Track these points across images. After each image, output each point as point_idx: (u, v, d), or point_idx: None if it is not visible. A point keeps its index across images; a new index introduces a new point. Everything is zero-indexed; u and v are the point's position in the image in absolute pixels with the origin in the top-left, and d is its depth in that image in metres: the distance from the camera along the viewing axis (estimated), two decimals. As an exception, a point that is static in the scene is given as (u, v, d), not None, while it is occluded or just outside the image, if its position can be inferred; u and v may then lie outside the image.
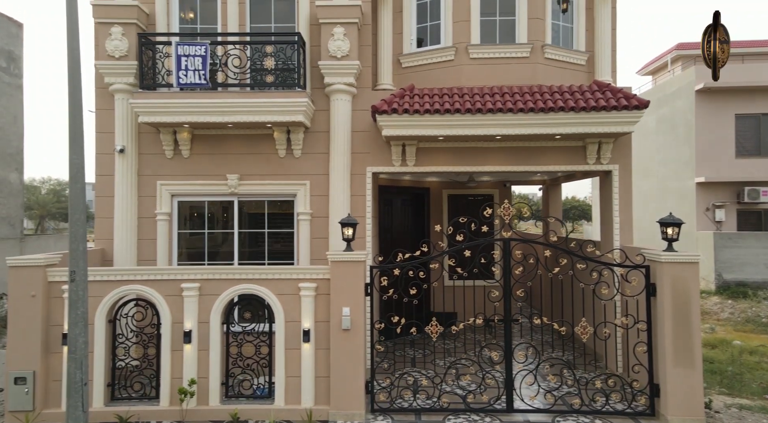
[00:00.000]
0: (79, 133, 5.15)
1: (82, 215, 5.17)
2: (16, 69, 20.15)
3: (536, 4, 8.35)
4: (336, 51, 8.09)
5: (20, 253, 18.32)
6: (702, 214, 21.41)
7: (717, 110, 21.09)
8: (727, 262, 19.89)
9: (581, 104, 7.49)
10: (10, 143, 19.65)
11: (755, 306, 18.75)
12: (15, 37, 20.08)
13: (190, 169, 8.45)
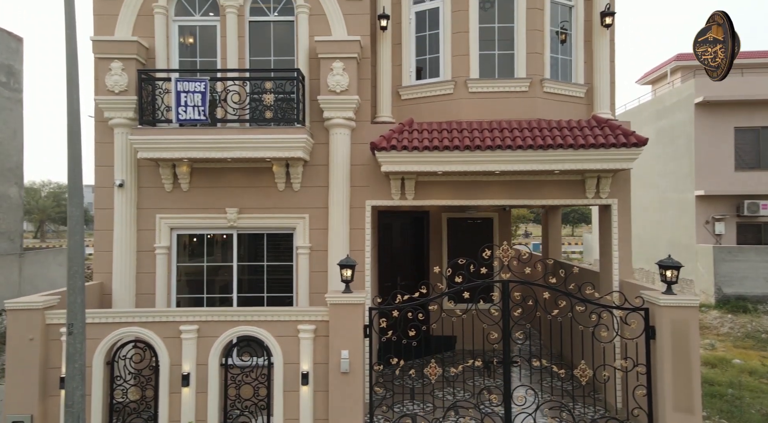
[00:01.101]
0: (78, 185, 5.15)
1: (80, 268, 5.17)
2: (15, 83, 20.17)
3: (535, 39, 8.36)
4: (335, 86, 8.10)
5: (19, 270, 18.34)
6: (702, 226, 21.41)
7: (716, 123, 21.12)
8: (726, 276, 19.90)
9: (580, 141, 7.50)
10: (9, 158, 19.67)
11: (755, 320, 18.75)
12: (15, 51, 20.12)
13: (189, 202, 8.46)
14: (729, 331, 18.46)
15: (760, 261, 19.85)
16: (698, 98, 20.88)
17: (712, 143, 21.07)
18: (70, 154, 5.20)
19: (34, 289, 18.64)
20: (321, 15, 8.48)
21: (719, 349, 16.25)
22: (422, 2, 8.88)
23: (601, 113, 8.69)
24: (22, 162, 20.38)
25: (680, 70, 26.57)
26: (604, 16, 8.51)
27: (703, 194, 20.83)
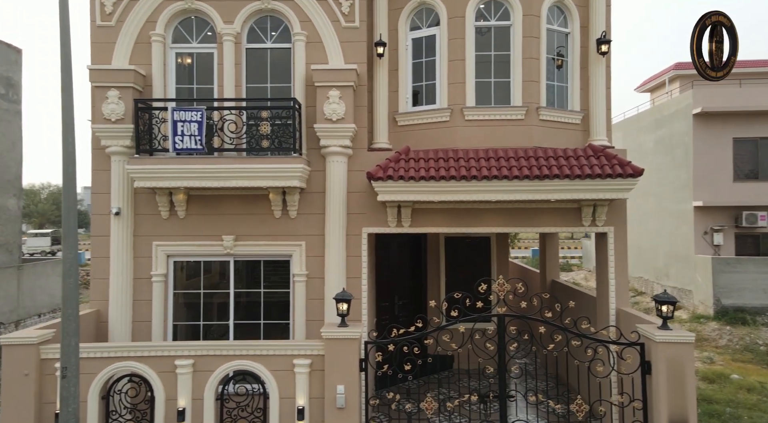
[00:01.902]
0: (73, 230, 5.16)
1: (74, 310, 5.18)
2: (14, 95, 20.16)
3: (531, 68, 8.38)
4: (331, 114, 8.11)
5: (18, 282, 18.31)
6: (700, 237, 21.41)
7: (714, 134, 21.12)
8: (725, 287, 19.90)
9: (576, 171, 7.51)
10: (8, 169, 19.65)
11: (753, 332, 18.74)
12: (14, 63, 20.11)
13: (186, 229, 8.46)
14: (728, 344, 18.46)
15: (758, 272, 19.85)
16: (696, 109, 20.89)
17: (711, 154, 21.08)
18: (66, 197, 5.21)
19: (33, 302, 18.64)
20: (318, 42, 8.50)
21: (717, 363, 16.24)
22: (419, 29, 8.90)
23: (597, 140, 8.71)
24: (21, 173, 20.37)
25: (679, 78, 26.59)
26: (600, 43, 8.53)
27: (702, 205, 20.84)
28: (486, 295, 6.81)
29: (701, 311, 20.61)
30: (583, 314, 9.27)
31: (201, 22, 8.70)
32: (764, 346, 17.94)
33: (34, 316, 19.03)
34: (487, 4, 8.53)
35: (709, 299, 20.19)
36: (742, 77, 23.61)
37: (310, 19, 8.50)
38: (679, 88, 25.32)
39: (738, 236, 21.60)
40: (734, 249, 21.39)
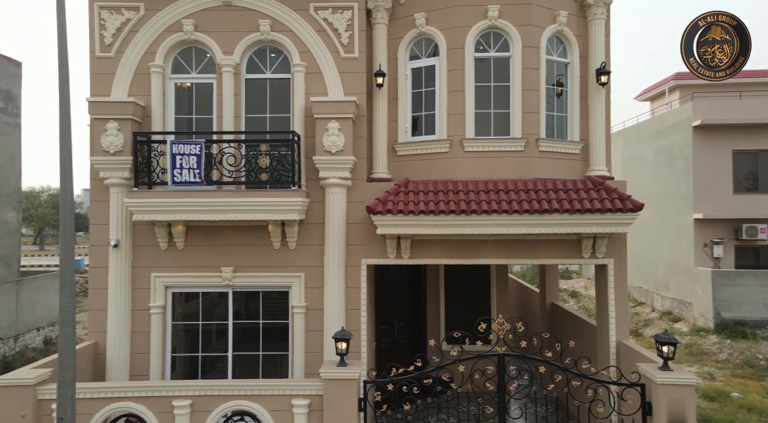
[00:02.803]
0: (70, 277, 5.13)
1: (71, 359, 5.15)
2: (14, 108, 20.13)
3: (530, 99, 8.36)
4: (331, 146, 8.09)
5: (16, 297, 18.26)
6: (700, 249, 21.38)
7: (714, 146, 21.09)
8: (725, 301, 19.86)
9: (576, 206, 7.49)
10: (7, 182, 19.62)
11: (753, 346, 18.69)
12: (13, 76, 20.09)
13: (184, 260, 8.43)
14: (728, 358, 18.41)
15: (758, 286, 19.81)
16: (696, 121, 20.85)
17: (710, 166, 21.06)
18: (63, 246, 5.18)
19: (32, 315, 18.60)
20: (317, 73, 8.48)
21: (718, 379, 16.20)
22: (418, 59, 8.89)
23: (597, 170, 8.69)
24: (20, 186, 20.34)
25: (679, 88, 26.60)
26: (600, 74, 8.51)
27: (702, 218, 20.80)
28: (486, 334, 6.78)
29: (701, 324, 20.57)
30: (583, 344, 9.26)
31: (200, 52, 8.69)
32: (765, 360, 17.89)
33: (33, 330, 19.01)
34: (486, 35, 8.52)
35: (709, 312, 20.14)
36: (742, 88, 23.63)
37: (309, 50, 8.49)
38: (679, 98, 25.32)
39: (738, 249, 21.56)
40: (734, 261, 21.36)
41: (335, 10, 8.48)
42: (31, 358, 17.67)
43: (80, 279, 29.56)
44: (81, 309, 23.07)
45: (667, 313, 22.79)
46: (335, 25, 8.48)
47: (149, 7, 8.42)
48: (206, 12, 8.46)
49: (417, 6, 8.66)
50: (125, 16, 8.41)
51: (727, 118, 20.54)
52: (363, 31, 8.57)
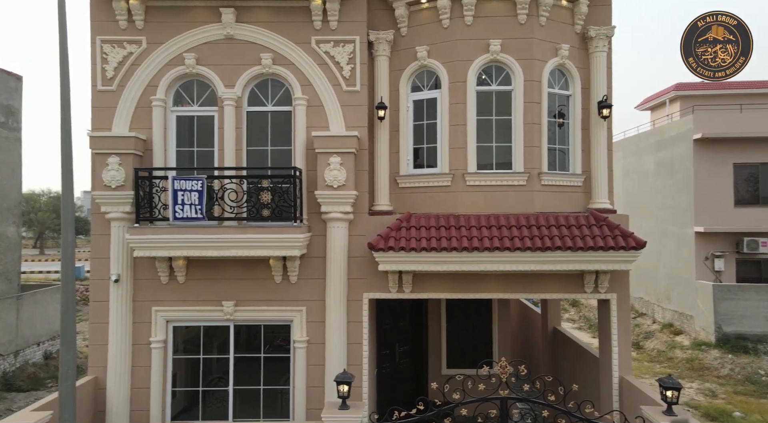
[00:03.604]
0: (72, 337, 5.11)
1: (71, 414, 5.13)
2: (14, 122, 20.09)
3: (532, 133, 8.35)
4: (332, 181, 8.07)
5: (17, 312, 18.22)
6: (701, 262, 21.34)
7: (715, 159, 21.05)
8: (726, 315, 19.81)
9: (578, 243, 7.48)
10: (7, 197, 19.57)
11: (755, 362, 18.63)
12: (14, 90, 20.06)
13: (185, 294, 8.41)
14: (729, 373, 18.35)
15: (760, 300, 19.75)
16: (697, 134, 20.81)
17: (711, 179, 21.02)
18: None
19: (32, 330, 18.54)
20: (319, 106, 8.48)
21: (720, 396, 16.15)
22: (420, 91, 8.87)
23: (599, 202, 8.67)
24: (21, 200, 20.31)
25: (679, 99, 26.57)
26: (602, 108, 8.50)
27: (703, 231, 20.75)
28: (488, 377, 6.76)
29: (702, 338, 20.51)
30: (585, 375, 9.23)
31: (202, 85, 8.68)
32: (766, 376, 17.85)
33: (33, 346, 18.94)
34: (488, 68, 8.51)
35: (710, 326, 20.09)
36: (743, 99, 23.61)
37: (310, 83, 8.48)
38: (679, 110, 25.28)
39: (739, 262, 21.51)
40: (735, 274, 21.31)
41: (337, 44, 8.47)
42: (31, 373, 17.63)
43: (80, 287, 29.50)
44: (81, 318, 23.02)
45: (668, 326, 22.75)
46: (337, 58, 8.48)
47: (151, 40, 8.42)
48: (208, 45, 8.46)
49: (419, 39, 8.66)
50: (127, 49, 8.40)
51: (728, 132, 20.50)
52: (365, 64, 8.57)
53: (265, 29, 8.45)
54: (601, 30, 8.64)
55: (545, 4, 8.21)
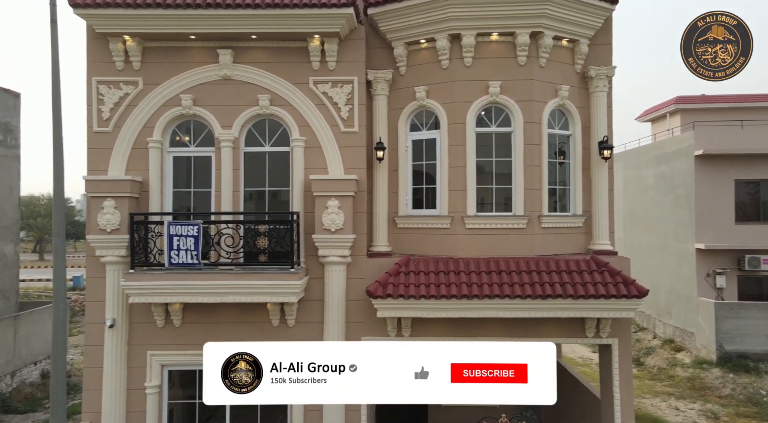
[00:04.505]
0: (62, 385, 5.02)
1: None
2: (12, 140, 20.00)
3: (532, 175, 8.26)
4: (330, 224, 7.98)
5: (14, 332, 18.11)
6: (702, 279, 21.24)
7: (716, 175, 20.96)
8: (728, 333, 19.68)
9: (579, 291, 7.39)
10: (5, 215, 19.47)
11: (757, 382, 18.48)
12: (12, 108, 19.97)
13: (181, 338, 8.30)
14: (731, 393, 18.20)
15: (762, 318, 19.63)
16: (698, 151, 20.72)
17: (712, 195, 20.91)
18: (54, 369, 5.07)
19: (29, 350, 18.43)
20: (316, 147, 8.39)
21: (722, 418, 16.04)
22: (419, 131, 8.80)
23: (600, 244, 8.58)
24: (18, 218, 20.21)
25: (680, 112, 26.53)
26: (602, 149, 8.41)
27: (704, 248, 20.65)
28: None
29: (704, 355, 20.38)
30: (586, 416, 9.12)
31: (199, 125, 8.60)
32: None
33: (30, 365, 18.83)
34: (487, 109, 8.43)
35: (711, 344, 19.97)
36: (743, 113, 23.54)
37: (308, 124, 8.40)
38: (680, 124, 25.22)
39: (741, 279, 21.39)
40: (737, 291, 21.20)
41: (335, 84, 8.39)
42: (28, 394, 17.51)
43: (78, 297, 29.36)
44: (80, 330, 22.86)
45: (669, 341, 22.64)
46: (335, 99, 8.39)
47: (148, 81, 8.34)
48: (205, 86, 8.38)
49: (418, 79, 8.58)
50: (123, 90, 8.32)
51: (729, 148, 20.42)
52: (363, 105, 8.49)
53: (263, 70, 8.37)
54: (602, 70, 8.56)
55: (545, 46, 8.12)
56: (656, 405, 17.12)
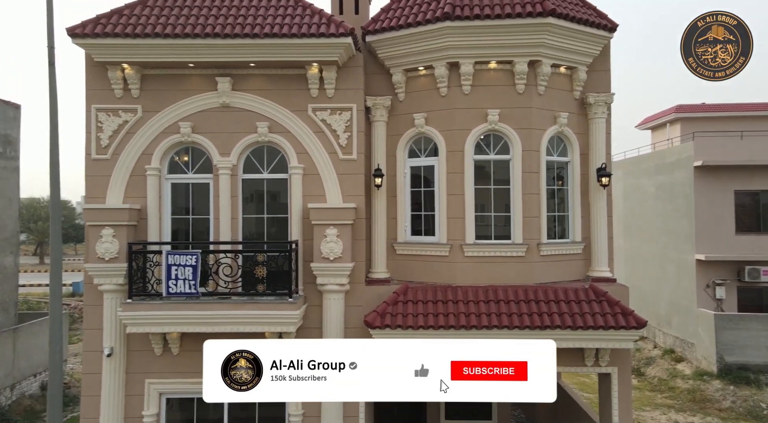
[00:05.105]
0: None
1: None
2: (12, 152, 19.99)
3: (531, 203, 8.26)
4: (329, 253, 7.97)
5: (13, 345, 18.09)
6: (702, 290, 21.20)
7: (716, 186, 20.93)
8: (728, 344, 19.63)
9: (578, 322, 7.38)
10: (5, 227, 19.46)
11: (757, 394, 18.44)
12: (12, 120, 19.96)
13: (179, 366, 8.27)
14: (731, 406, 18.16)
15: (762, 330, 19.57)
16: (698, 161, 20.71)
17: (712, 206, 20.89)
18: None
19: (28, 362, 18.40)
20: (315, 175, 8.38)
21: (723, 432, 16.01)
22: (417, 157, 8.79)
23: (599, 271, 8.57)
24: (18, 230, 20.21)
25: (680, 121, 26.53)
26: (601, 176, 8.40)
27: (704, 259, 20.62)
28: None
29: (704, 367, 20.35)
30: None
31: (197, 152, 8.60)
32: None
33: (30, 377, 18.80)
34: (486, 137, 8.42)
35: (711, 355, 19.93)
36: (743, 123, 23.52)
37: (307, 151, 8.39)
38: (680, 135, 25.19)
39: (741, 290, 21.34)
40: (737, 302, 21.15)
41: (334, 111, 8.39)
42: (27, 406, 17.49)
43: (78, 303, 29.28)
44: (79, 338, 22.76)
45: (669, 352, 22.61)
46: (333, 126, 8.39)
47: (147, 108, 8.34)
48: (204, 113, 8.38)
49: (416, 105, 8.57)
50: (122, 118, 8.31)
51: (728, 159, 20.40)
52: (362, 132, 8.49)
53: (261, 97, 8.37)
54: (600, 97, 8.56)
55: (543, 74, 8.12)
56: (656, 418, 17.08)
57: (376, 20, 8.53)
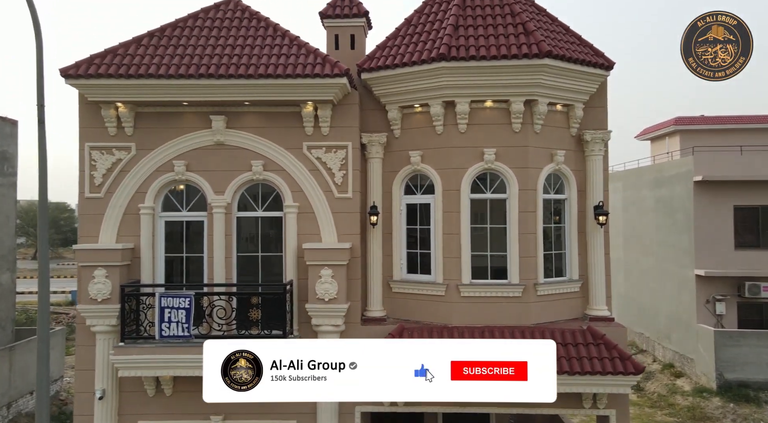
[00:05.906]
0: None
1: None
2: (9, 168, 19.92)
3: (528, 243, 8.19)
4: (324, 294, 7.90)
5: (9, 364, 17.99)
6: (702, 306, 21.10)
7: (715, 201, 20.85)
8: (728, 361, 19.51)
9: (576, 368, 7.31)
10: (2, 243, 19.39)
11: (757, 412, 18.33)
12: (9, 136, 19.89)
13: (172, 407, 8.19)
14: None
15: (762, 346, 19.46)
16: (697, 177, 20.65)
17: (712, 221, 20.80)
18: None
19: (24, 379, 18.29)
20: (310, 213, 8.32)
21: (725, 458, 15.89)
22: (413, 194, 8.72)
23: (596, 310, 8.50)
24: (15, 246, 20.14)
25: (679, 133, 26.48)
26: (598, 215, 8.33)
27: (704, 275, 20.53)
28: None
29: (704, 383, 20.24)
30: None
31: (192, 189, 8.54)
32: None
33: (27, 395, 18.70)
34: (482, 175, 8.35)
35: (711, 372, 19.82)
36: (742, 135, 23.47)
37: (302, 190, 8.34)
38: (680, 148, 25.13)
39: (741, 306, 21.24)
40: (737, 318, 21.05)
41: (329, 149, 8.33)
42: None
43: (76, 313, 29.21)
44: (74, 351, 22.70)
45: (669, 366, 22.49)
46: (329, 164, 8.33)
47: (141, 146, 8.29)
48: (198, 151, 8.32)
49: (412, 142, 8.51)
50: (116, 156, 8.26)
51: (728, 175, 20.33)
52: (357, 170, 8.43)
53: (256, 135, 8.31)
54: (597, 134, 8.50)
55: (540, 113, 8.05)
56: (656, 435, 16.96)
57: (371, 58, 8.47)
